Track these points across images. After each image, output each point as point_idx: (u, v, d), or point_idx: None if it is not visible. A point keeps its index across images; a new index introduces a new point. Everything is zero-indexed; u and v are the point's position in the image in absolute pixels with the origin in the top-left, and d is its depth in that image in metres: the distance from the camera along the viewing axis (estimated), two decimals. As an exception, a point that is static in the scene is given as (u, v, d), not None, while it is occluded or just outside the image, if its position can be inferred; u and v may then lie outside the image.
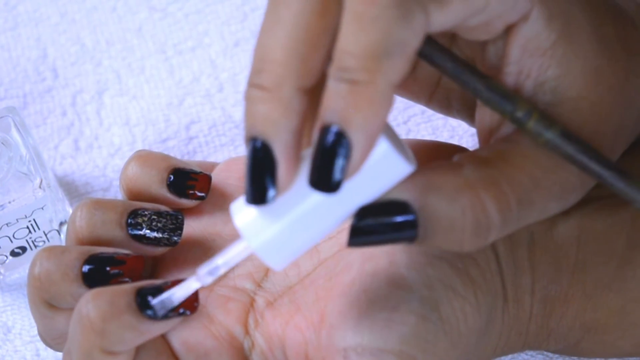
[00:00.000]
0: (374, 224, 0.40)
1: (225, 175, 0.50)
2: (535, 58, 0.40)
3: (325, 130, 0.37)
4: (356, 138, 0.37)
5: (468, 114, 0.47)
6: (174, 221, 0.46)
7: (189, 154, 0.58)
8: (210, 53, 0.61)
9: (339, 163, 0.37)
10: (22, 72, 0.61)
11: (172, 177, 0.48)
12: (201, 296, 0.45)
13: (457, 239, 0.40)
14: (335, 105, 0.37)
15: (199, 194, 0.48)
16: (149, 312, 0.43)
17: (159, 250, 0.47)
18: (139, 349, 0.44)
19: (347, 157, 0.37)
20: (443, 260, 0.44)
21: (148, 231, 0.46)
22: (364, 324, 0.43)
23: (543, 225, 0.45)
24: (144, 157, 0.48)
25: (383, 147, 0.39)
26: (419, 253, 0.44)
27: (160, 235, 0.46)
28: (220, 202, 0.49)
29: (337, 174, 0.38)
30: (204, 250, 0.48)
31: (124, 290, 0.43)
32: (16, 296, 0.55)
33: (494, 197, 0.39)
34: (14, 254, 0.53)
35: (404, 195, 0.39)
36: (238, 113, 0.59)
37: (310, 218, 0.39)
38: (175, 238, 0.46)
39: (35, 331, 0.53)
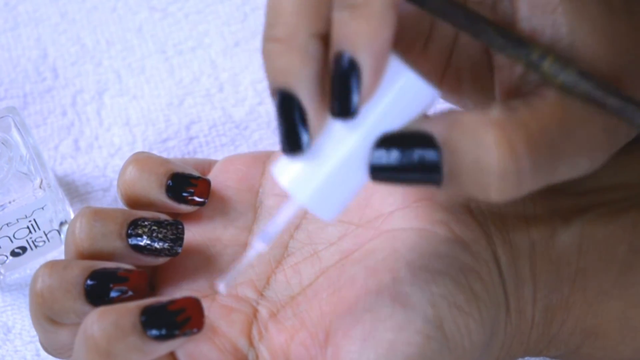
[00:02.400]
0: (395, 155, 0.39)
1: (223, 177, 0.49)
2: (547, 15, 0.40)
3: (335, 58, 0.38)
4: (363, 58, 0.37)
5: (478, 96, 0.46)
6: (174, 231, 0.46)
7: (189, 154, 0.58)
8: (211, 53, 0.61)
9: (352, 86, 0.38)
10: (22, 72, 0.61)
11: (171, 182, 0.47)
12: (204, 306, 0.45)
13: (483, 182, 0.38)
14: (339, 31, 0.37)
15: (199, 199, 0.48)
16: (154, 332, 0.42)
17: (160, 261, 0.46)
18: None
19: (358, 78, 0.38)
20: (446, 276, 0.44)
21: (149, 242, 0.46)
22: (369, 345, 0.43)
23: (544, 234, 0.45)
24: (142, 161, 0.48)
25: (400, 71, 0.39)
26: (421, 269, 0.44)
27: (161, 245, 0.46)
28: (219, 206, 0.49)
29: (352, 98, 0.38)
30: (203, 256, 0.48)
31: (129, 310, 0.42)
32: (16, 296, 0.55)
33: (523, 137, 0.38)
34: (14, 254, 0.53)
35: (427, 128, 0.39)
36: (238, 113, 0.59)
37: (349, 160, 0.39)
38: (177, 248, 0.46)
39: (35, 331, 0.53)
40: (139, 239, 0.46)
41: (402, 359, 0.42)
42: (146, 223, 0.46)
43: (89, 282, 0.44)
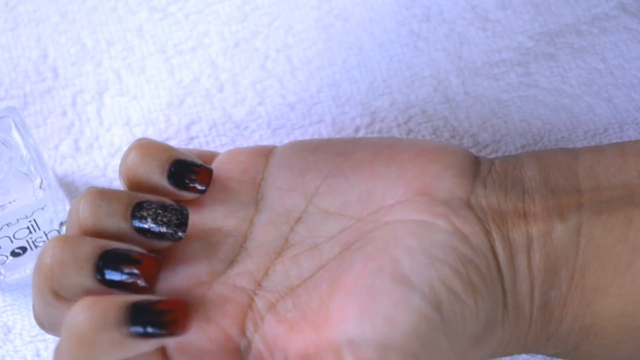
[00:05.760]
0: None
1: (226, 168, 0.49)
2: None
3: None
4: None
5: None
6: (179, 216, 0.46)
7: (189, 154, 0.58)
8: (211, 53, 0.61)
9: None
10: (23, 72, 0.61)
11: (172, 168, 0.47)
12: (199, 293, 0.45)
13: None
14: None
15: (200, 187, 0.48)
16: (138, 329, 0.42)
17: (162, 245, 0.46)
18: None
19: None
20: (445, 264, 0.44)
21: (153, 225, 0.46)
22: (366, 319, 0.43)
23: (542, 231, 0.45)
24: (145, 147, 0.48)
25: None
26: (421, 253, 0.44)
27: (165, 230, 0.46)
28: (221, 196, 0.49)
29: None
30: (203, 244, 0.48)
31: (118, 303, 0.43)
32: (16, 296, 0.55)
33: None
34: (14, 254, 0.53)
35: None
36: (238, 113, 0.59)
37: None
38: (180, 234, 0.46)
39: (35, 331, 0.53)
40: (143, 221, 0.46)
41: (398, 335, 0.42)
42: (151, 206, 0.46)
43: (101, 260, 0.44)
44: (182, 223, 0.46)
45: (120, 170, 0.48)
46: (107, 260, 0.44)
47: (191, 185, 0.47)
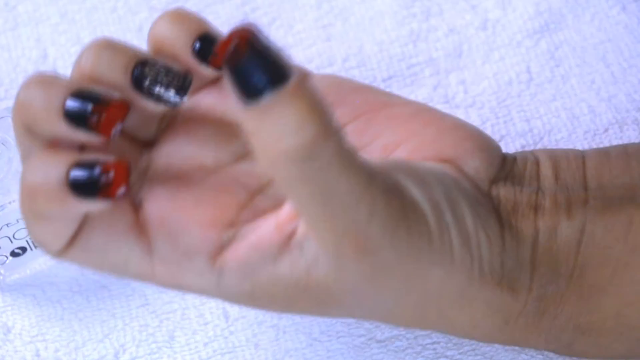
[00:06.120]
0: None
1: None
2: None
3: None
4: None
5: None
6: (181, 81, 0.44)
7: (189, 154, 0.58)
8: (211, 53, 0.61)
9: None
10: (22, 72, 0.61)
11: (200, 40, 0.45)
12: (198, 177, 0.45)
13: None
14: None
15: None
16: (77, 189, 0.42)
17: (160, 108, 0.45)
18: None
19: None
20: (465, 200, 0.45)
21: (151, 84, 0.44)
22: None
23: (549, 225, 0.46)
24: (176, 15, 0.46)
25: None
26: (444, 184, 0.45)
27: (162, 91, 0.44)
28: None
29: None
30: (215, 131, 0.46)
31: (58, 162, 0.43)
32: (16, 296, 0.55)
33: None
34: (14, 254, 0.53)
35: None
36: (238, 113, 0.59)
37: None
38: (178, 99, 0.44)
39: (35, 331, 0.53)
40: (142, 79, 0.44)
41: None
42: (155, 66, 0.44)
43: (70, 101, 0.43)
44: (182, 89, 0.44)
45: (148, 34, 0.46)
46: (76, 101, 0.43)
47: (213, 62, 0.45)
